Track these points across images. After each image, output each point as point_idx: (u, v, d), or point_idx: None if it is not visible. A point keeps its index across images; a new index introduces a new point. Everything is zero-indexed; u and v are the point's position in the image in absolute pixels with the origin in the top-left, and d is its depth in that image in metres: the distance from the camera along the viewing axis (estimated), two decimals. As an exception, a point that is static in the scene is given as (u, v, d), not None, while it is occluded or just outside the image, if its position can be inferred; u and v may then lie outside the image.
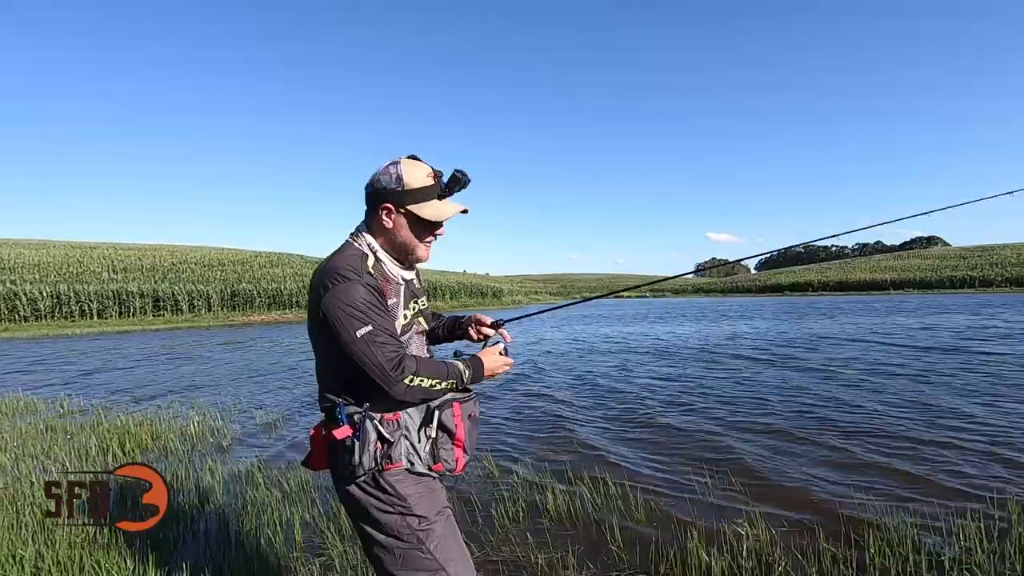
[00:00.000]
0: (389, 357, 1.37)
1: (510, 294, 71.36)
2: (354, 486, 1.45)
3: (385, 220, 1.47)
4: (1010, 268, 70.23)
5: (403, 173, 1.44)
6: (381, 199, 1.47)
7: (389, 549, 1.44)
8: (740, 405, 6.28)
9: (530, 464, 4.22)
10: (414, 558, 1.44)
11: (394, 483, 1.45)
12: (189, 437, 5.27)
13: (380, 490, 1.44)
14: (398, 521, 1.44)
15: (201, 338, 21.84)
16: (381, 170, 1.48)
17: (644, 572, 2.61)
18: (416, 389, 1.41)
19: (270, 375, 10.31)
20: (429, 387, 1.43)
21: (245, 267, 51.49)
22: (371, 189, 1.48)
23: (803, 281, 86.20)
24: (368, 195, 1.50)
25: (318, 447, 1.52)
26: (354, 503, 1.47)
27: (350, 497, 1.47)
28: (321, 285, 1.39)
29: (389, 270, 1.49)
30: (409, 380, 1.39)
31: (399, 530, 1.44)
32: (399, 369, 1.38)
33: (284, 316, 39.99)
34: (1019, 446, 4.33)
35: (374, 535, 1.46)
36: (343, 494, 1.49)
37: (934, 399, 6.14)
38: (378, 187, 1.47)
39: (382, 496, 1.44)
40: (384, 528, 1.44)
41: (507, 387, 8.02)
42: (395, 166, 1.46)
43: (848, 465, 4.05)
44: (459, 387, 1.51)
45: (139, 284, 39.40)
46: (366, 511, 1.45)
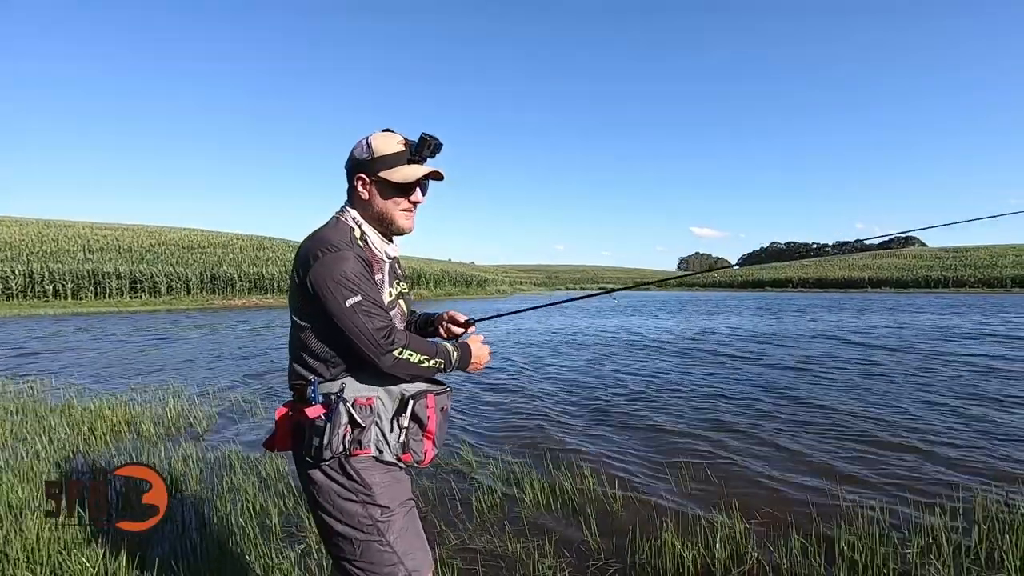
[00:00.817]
0: (379, 327, 1.35)
1: (494, 283, 71.31)
2: (318, 470, 1.41)
3: (361, 191, 1.50)
4: (982, 269, 72.07)
5: (373, 142, 1.47)
6: (355, 171, 1.50)
7: (347, 538, 1.41)
8: (715, 401, 6.37)
9: (508, 455, 4.24)
10: (372, 549, 1.41)
11: (360, 470, 1.41)
12: (164, 421, 5.19)
13: (345, 476, 1.41)
14: (359, 510, 1.41)
15: (180, 321, 21.49)
16: (355, 145, 1.51)
17: (620, 562, 2.64)
18: (404, 363, 1.39)
19: (249, 359, 10.19)
20: (418, 363, 1.41)
21: (226, 250, 50.69)
22: (347, 164, 1.52)
23: (783, 277, 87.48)
24: (346, 171, 1.53)
25: (283, 427, 1.49)
26: (316, 488, 1.42)
27: (312, 482, 1.43)
28: (310, 255, 1.37)
29: (375, 245, 1.50)
30: (399, 352, 1.38)
31: (360, 519, 1.41)
32: (389, 339, 1.36)
33: (265, 300, 39.51)
34: (983, 443, 4.46)
35: (332, 524, 1.42)
36: (305, 478, 1.45)
37: (901, 398, 6.29)
38: (352, 161, 1.50)
39: (346, 482, 1.41)
40: (344, 516, 1.41)
41: (485, 379, 8.03)
42: (365, 139, 1.49)
43: (819, 460, 4.14)
44: (446, 369, 1.50)
45: (116, 265, 38.53)
46: (327, 497, 1.42)
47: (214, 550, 2.60)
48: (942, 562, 2.43)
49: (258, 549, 2.62)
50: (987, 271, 70.62)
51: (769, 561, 2.58)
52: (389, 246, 1.54)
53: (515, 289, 76.51)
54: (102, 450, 4.32)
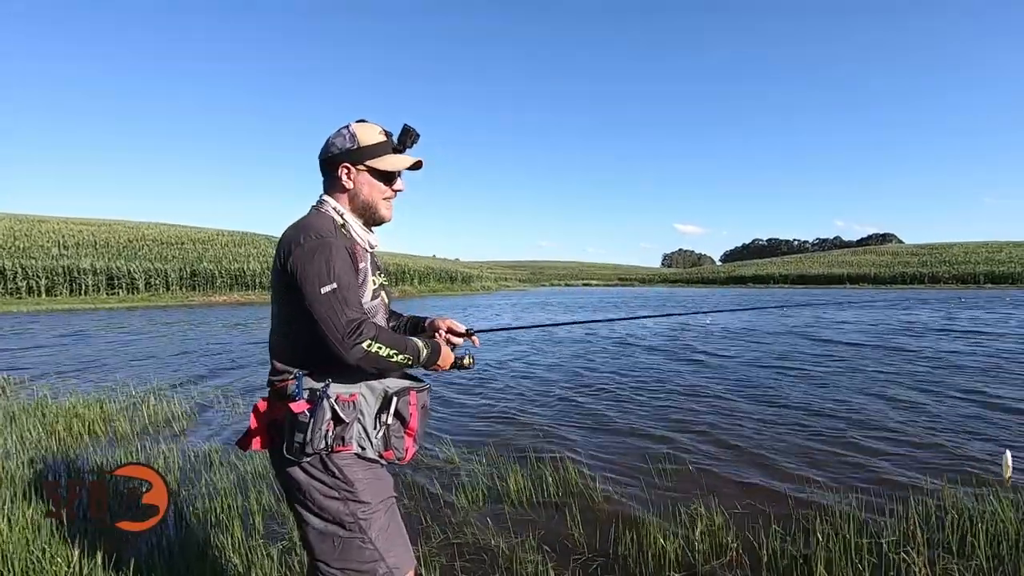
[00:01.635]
0: (351, 318, 1.32)
1: (479, 279, 71.26)
2: (298, 468, 1.39)
3: (345, 181, 1.49)
4: (957, 266, 73.83)
5: (356, 132, 1.48)
6: (339, 160, 1.48)
7: (328, 536, 1.39)
8: (693, 397, 6.45)
9: (491, 450, 4.24)
10: (353, 546, 1.39)
11: (343, 466, 1.39)
12: (141, 419, 5.10)
13: (327, 473, 1.39)
14: (341, 507, 1.39)
15: (159, 318, 21.12)
16: (333, 135, 1.50)
17: (602, 555, 2.67)
18: (372, 356, 1.34)
19: (229, 356, 10.06)
20: (386, 356, 1.36)
21: (206, 246, 49.92)
22: (327, 155, 1.50)
23: (765, 274, 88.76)
24: (324, 161, 1.51)
25: (260, 424, 1.44)
26: (295, 485, 1.40)
27: (292, 479, 1.40)
28: (292, 242, 1.36)
29: (357, 234, 1.50)
30: (367, 345, 1.32)
31: (342, 517, 1.39)
32: (358, 332, 1.32)
33: (247, 297, 39.03)
34: (956, 434, 4.57)
35: (312, 520, 1.40)
36: (284, 476, 1.42)
37: (873, 393, 6.43)
38: (334, 150, 1.49)
39: (328, 479, 1.39)
40: (325, 513, 1.39)
41: (469, 375, 8.03)
42: (346, 128, 1.49)
43: (797, 453, 4.21)
44: (414, 365, 1.46)
45: (92, 261, 37.73)
46: (308, 494, 1.40)
47: (193, 548, 2.57)
48: (916, 551, 2.48)
49: (240, 547, 2.59)
50: (961, 267, 72.37)
51: (748, 552, 2.62)
52: (371, 235, 1.54)
53: (500, 285, 76.55)
54: (77, 449, 4.24)
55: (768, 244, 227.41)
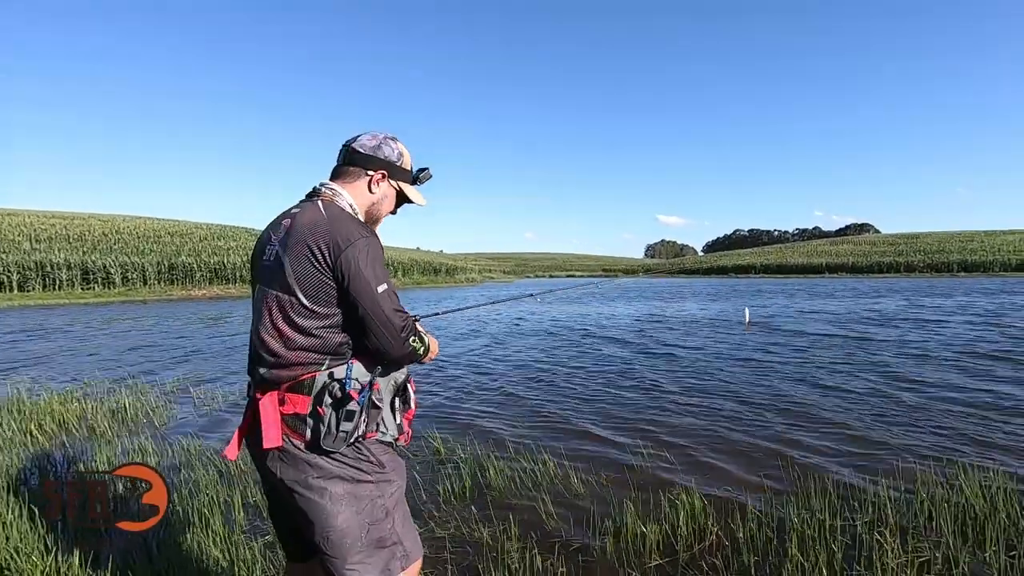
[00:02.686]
0: (404, 317, 1.38)
1: (463, 271, 71.01)
2: (328, 458, 1.36)
3: (374, 187, 1.53)
4: (931, 255, 75.50)
5: (403, 152, 1.58)
6: (379, 166, 1.53)
7: (356, 524, 1.37)
8: (669, 385, 6.54)
9: (475, 442, 4.26)
10: (383, 531, 1.40)
11: (374, 451, 1.43)
12: (120, 416, 5.02)
13: (360, 458, 1.40)
14: (373, 490, 1.41)
15: (136, 313, 20.73)
16: (380, 139, 1.54)
17: (583, 541, 2.70)
18: (411, 352, 1.41)
19: (209, 352, 9.93)
20: (414, 350, 1.42)
21: (185, 239, 48.93)
22: (369, 153, 1.52)
23: (746, 264, 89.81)
24: (360, 156, 1.52)
25: (272, 420, 1.35)
26: (322, 476, 1.36)
27: (316, 470, 1.36)
28: (339, 237, 1.34)
29: None
30: (413, 341, 1.41)
31: (374, 499, 1.40)
32: (409, 330, 1.39)
33: (228, 291, 38.43)
34: (921, 422, 4.70)
35: (341, 510, 1.36)
36: (301, 470, 1.36)
37: (848, 376, 6.58)
38: (379, 155, 1.52)
39: (363, 464, 1.40)
40: (357, 501, 1.38)
41: (449, 367, 8.04)
42: (395, 142, 1.56)
43: (772, 438, 4.30)
44: (422, 358, 1.50)
45: (66, 255, 36.75)
46: (338, 483, 1.37)
47: (175, 543, 2.55)
48: (889, 531, 2.56)
49: (222, 542, 2.57)
50: (935, 256, 74.01)
51: (727, 535, 2.68)
52: None
53: (484, 277, 76.39)
54: (53, 447, 4.16)
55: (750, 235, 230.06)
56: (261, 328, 1.38)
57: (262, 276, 1.42)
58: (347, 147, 1.53)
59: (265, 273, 1.41)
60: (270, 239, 1.43)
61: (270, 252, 1.41)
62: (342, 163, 1.53)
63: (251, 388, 1.44)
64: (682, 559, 2.51)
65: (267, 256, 1.42)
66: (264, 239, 1.47)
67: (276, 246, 1.39)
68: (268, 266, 1.40)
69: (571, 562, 2.52)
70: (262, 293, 1.41)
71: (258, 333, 1.39)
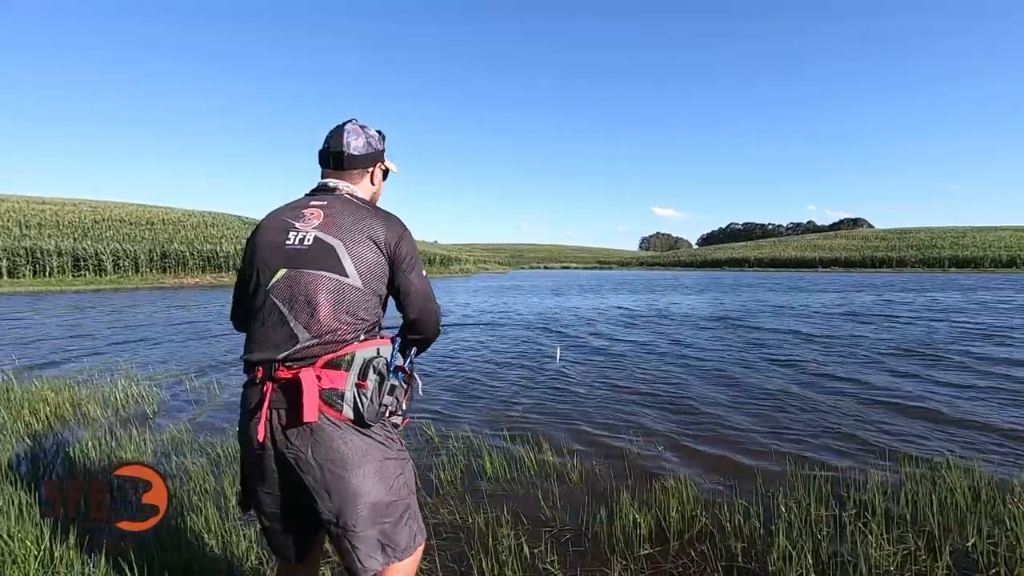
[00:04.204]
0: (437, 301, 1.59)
1: (458, 262, 70.95)
2: (363, 434, 1.40)
3: (375, 178, 1.65)
4: (923, 250, 76.10)
5: (378, 134, 1.64)
6: (374, 160, 1.62)
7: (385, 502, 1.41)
8: (665, 374, 6.59)
9: (468, 431, 4.29)
10: (405, 506, 1.45)
11: (395, 429, 1.52)
12: (112, 404, 5.01)
13: (389, 436, 1.47)
14: (396, 468, 1.46)
15: (128, 300, 20.60)
16: (363, 135, 1.59)
17: (576, 529, 2.74)
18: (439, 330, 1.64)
19: (201, 339, 9.90)
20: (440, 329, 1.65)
21: (177, 227, 48.64)
22: (363, 154, 1.59)
23: (740, 257, 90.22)
24: (357, 159, 1.58)
25: (312, 394, 1.33)
26: (356, 452, 1.38)
27: (352, 447, 1.38)
28: (394, 227, 1.49)
29: None
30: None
31: (397, 478, 1.45)
32: (441, 311, 1.62)
33: (220, 279, 38.26)
34: (914, 410, 4.77)
35: (373, 489, 1.39)
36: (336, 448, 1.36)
37: (836, 369, 6.66)
38: (371, 151, 1.60)
39: (389, 443, 1.46)
40: (387, 479, 1.43)
41: (444, 356, 8.06)
42: (369, 129, 1.62)
43: (762, 428, 4.36)
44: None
45: (56, 242, 36.44)
46: (370, 459, 1.40)
47: (168, 531, 2.56)
48: (874, 521, 2.60)
49: (215, 528, 2.59)
50: (927, 252, 74.59)
51: (716, 524, 2.72)
52: None
53: (479, 268, 76.34)
54: (46, 434, 4.15)
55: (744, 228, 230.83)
56: (296, 307, 1.38)
57: (291, 258, 1.42)
58: (338, 153, 1.55)
59: (296, 256, 1.41)
60: (293, 226, 1.45)
61: (300, 236, 1.43)
62: (336, 167, 1.57)
63: (267, 369, 1.39)
64: (672, 547, 2.55)
65: (294, 240, 1.43)
66: (279, 225, 1.47)
67: (312, 231, 1.43)
68: (302, 249, 1.42)
69: (562, 550, 2.55)
70: (293, 275, 1.40)
71: (292, 311, 1.38)
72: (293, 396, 1.34)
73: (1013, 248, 69.92)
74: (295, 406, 1.33)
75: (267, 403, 1.37)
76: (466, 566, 2.40)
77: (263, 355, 1.39)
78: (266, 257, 1.44)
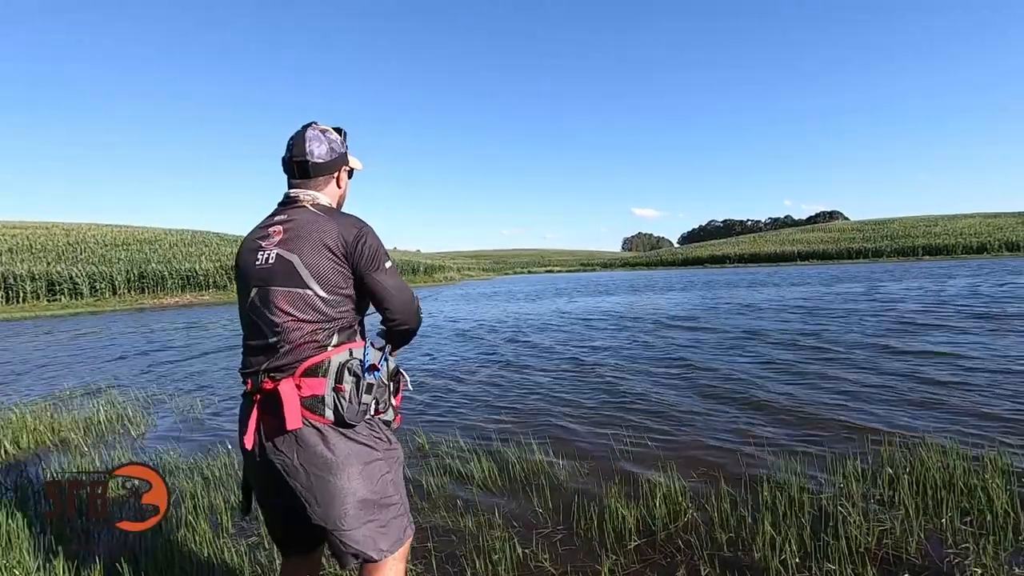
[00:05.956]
0: (409, 288, 1.59)
1: (442, 270, 70.74)
2: (345, 437, 1.44)
3: (342, 182, 1.66)
4: (898, 240, 77.81)
5: (339, 136, 1.64)
6: (338, 164, 1.62)
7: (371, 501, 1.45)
8: (645, 373, 6.69)
9: (458, 435, 4.32)
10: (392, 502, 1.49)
11: (382, 427, 1.54)
12: (95, 429, 4.95)
13: (374, 435, 1.50)
14: (383, 467, 1.49)
15: (106, 324, 20.21)
16: (325, 140, 1.59)
17: (565, 528, 2.79)
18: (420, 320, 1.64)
19: (184, 360, 9.77)
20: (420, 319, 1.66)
21: (154, 246, 47.79)
22: (327, 160, 1.59)
23: (721, 254, 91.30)
24: (321, 166, 1.58)
25: (293, 403, 1.39)
26: (338, 456, 1.43)
27: (335, 450, 1.43)
28: (353, 226, 1.49)
29: None
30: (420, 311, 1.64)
31: (383, 476, 1.49)
32: (416, 298, 1.62)
33: (200, 298, 37.69)
34: (885, 400, 4.91)
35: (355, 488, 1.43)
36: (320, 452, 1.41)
37: (808, 360, 6.81)
38: (334, 155, 1.60)
39: (375, 442, 1.49)
40: (370, 477, 1.46)
41: (432, 362, 8.07)
42: (330, 131, 1.62)
43: (746, 420, 4.46)
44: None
45: (29, 266, 35.59)
46: (353, 460, 1.44)
47: (161, 548, 2.56)
48: (852, 504, 2.70)
49: (209, 545, 2.59)
50: (901, 241, 76.28)
51: (702, 515, 2.79)
52: None
53: (463, 275, 76.20)
54: (30, 463, 4.09)
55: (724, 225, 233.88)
56: (269, 322, 1.44)
57: (260, 277, 1.48)
58: (302, 162, 1.56)
59: (263, 274, 1.47)
60: (260, 246, 1.51)
61: (265, 256, 1.48)
62: (302, 175, 1.58)
63: (255, 381, 1.45)
64: (659, 538, 2.61)
65: (262, 260, 1.49)
66: (251, 247, 1.53)
67: (274, 249, 1.47)
68: (267, 267, 1.47)
69: (553, 548, 2.60)
70: (263, 292, 1.47)
71: (267, 326, 1.45)
72: (276, 406, 1.40)
73: (983, 234, 71.82)
74: (279, 415, 1.39)
75: (255, 413, 1.45)
76: (459, 568, 2.43)
77: (249, 368, 1.48)
78: (243, 277, 1.53)
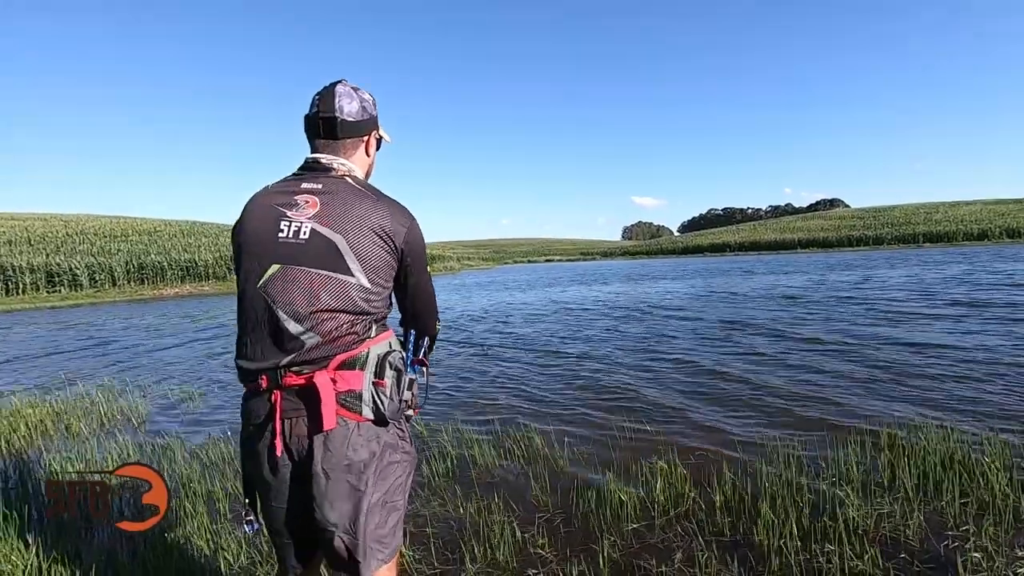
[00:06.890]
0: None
1: (442, 260, 70.60)
2: (384, 430, 1.33)
3: (370, 149, 1.46)
4: (898, 227, 77.51)
5: (372, 97, 1.44)
6: (369, 127, 1.42)
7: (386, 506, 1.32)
8: (649, 358, 6.68)
9: (458, 423, 4.32)
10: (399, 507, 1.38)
11: (406, 428, 1.44)
12: (96, 417, 4.94)
13: (400, 434, 1.39)
14: (399, 470, 1.36)
15: (107, 314, 20.21)
16: (356, 98, 1.39)
17: (565, 512, 2.79)
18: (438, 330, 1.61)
19: (184, 349, 9.77)
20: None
21: (153, 237, 47.65)
22: (357, 119, 1.38)
23: (721, 242, 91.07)
24: (350, 125, 1.37)
25: (330, 399, 1.23)
26: (380, 450, 1.31)
27: (374, 443, 1.30)
28: (404, 216, 1.34)
29: None
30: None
31: (398, 479, 1.36)
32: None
33: (200, 288, 37.67)
34: (889, 383, 4.91)
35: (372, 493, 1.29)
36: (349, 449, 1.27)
37: (806, 347, 6.80)
38: (366, 116, 1.40)
39: (401, 443, 1.38)
40: (387, 481, 1.33)
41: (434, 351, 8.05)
42: (362, 91, 1.41)
43: (744, 406, 4.46)
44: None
45: (28, 258, 35.52)
46: (386, 457, 1.33)
47: (159, 536, 2.55)
48: (852, 488, 2.69)
49: (206, 532, 2.59)
50: (902, 229, 75.99)
51: (703, 499, 2.79)
52: None
53: (463, 265, 76.07)
54: (28, 450, 4.10)
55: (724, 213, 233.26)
56: (293, 310, 1.24)
57: (286, 253, 1.26)
58: (330, 119, 1.34)
59: (292, 250, 1.26)
60: (285, 215, 1.28)
61: (293, 228, 1.26)
62: (328, 135, 1.36)
63: (272, 377, 1.26)
64: (659, 523, 2.61)
65: (289, 232, 1.26)
66: (270, 213, 1.29)
67: (308, 223, 1.26)
68: (298, 243, 1.26)
69: (553, 532, 2.60)
70: (288, 272, 1.25)
71: (290, 315, 1.24)
72: (307, 403, 1.24)
73: (984, 221, 71.51)
74: (311, 413, 1.24)
75: (279, 414, 1.25)
76: (458, 553, 2.43)
77: (265, 361, 1.26)
78: (256, 251, 1.28)
